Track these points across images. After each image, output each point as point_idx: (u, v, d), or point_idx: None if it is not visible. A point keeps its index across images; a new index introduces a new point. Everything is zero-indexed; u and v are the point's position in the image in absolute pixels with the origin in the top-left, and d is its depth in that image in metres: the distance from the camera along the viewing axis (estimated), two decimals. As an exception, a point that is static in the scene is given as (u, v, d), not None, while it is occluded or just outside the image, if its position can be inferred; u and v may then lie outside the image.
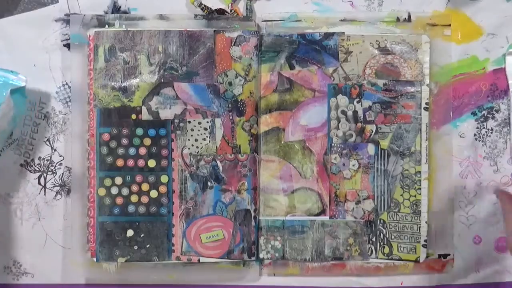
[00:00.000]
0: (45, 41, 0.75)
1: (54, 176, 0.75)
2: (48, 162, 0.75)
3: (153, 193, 0.73)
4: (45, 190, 0.75)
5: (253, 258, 0.73)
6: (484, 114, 0.75)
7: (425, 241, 0.72)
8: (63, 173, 0.75)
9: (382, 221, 0.73)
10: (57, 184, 0.75)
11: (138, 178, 0.73)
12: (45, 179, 0.75)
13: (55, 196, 0.75)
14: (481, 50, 0.76)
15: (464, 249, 0.75)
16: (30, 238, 0.75)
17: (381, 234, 0.73)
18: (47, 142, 0.75)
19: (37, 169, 0.75)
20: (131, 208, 0.73)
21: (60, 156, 0.75)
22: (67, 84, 0.75)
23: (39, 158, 0.75)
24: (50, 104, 0.75)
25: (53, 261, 0.75)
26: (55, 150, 0.75)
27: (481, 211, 0.76)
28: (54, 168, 0.75)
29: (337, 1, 0.75)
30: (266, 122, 0.73)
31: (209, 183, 0.73)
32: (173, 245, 0.73)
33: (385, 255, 0.73)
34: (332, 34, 0.73)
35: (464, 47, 0.75)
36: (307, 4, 0.75)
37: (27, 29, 0.75)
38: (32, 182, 0.75)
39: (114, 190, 0.73)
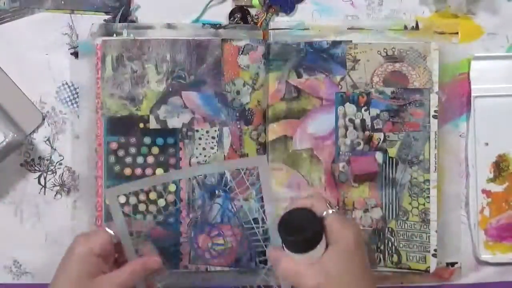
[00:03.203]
0: (45, 41, 0.75)
1: (54, 176, 0.75)
2: (48, 161, 0.75)
3: (161, 202, 0.73)
4: (45, 190, 0.75)
5: (260, 266, 0.73)
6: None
7: (435, 250, 0.72)
8: (63, 173, 0.75)
9: (390, 229, 0.73)
10: (57, 184, 0.75)
11: (146, 187, 0.72)
12: (45, 178, 0.75)
13: (55, 195, 0.75)
14: (481, 50, 0.76)
15: (465, 249, 0.75)
16: (30, 237, 0.75)
17: (389, 243, 0.73)
18: (47, 142, 0.75)
19: (37, 168, 0.75)
20: (138, 217, 0.73)
21: (60, 155, 0.75)
22: (67, 84, 0.75)
23: (39, 157, 0.75)
24: (50, 104, 0.75)
25: (53, 260, 0.74)
26: (55, 149, 0.75)
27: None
28: (54, 167, 0.75)
29: (337, 0, 0.76)
30: (274, 130, 0.73)
31: (217, 192, 0.73)
32: (181, 253, 0.73)
33: (394, 264, 0.73)
34: (340, 42, 0.73)
35: (464, 47, 0.75)
36: (307, 4, 0.75)
37: (27, 29, 0.74)
38: (32, 182, 0.75)
39: (122, 199, 0.73)
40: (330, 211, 0.60)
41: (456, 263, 0.75)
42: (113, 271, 0.61)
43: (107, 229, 0.62)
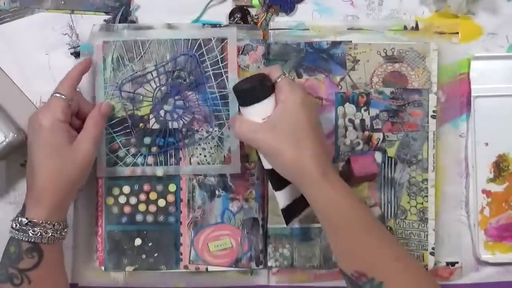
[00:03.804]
0: (45, 41, 0.75)
1: None
2: None
3: (161, 202, 0.73)
4: None
5: (260, 267, 0.73)
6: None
7: (433, 248, 0.73)
8: None
9: (389, 228, 0.73)
10: None
11: (146, 187, 0.73)
12: None
13: None
14: (481, 50, 0.76)
15: (465, 249, 0.76)
16: None
17: (389, 242, 0.73)
18: None
19: None
20: (139, 217, 0.73)
21: None
22: (66, 84, 0.75)
23: None
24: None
25: None
26: None
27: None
28: None
29: (337, 0, 0.75)
30: (274, 130, 0.73)
31: (217, 192, 0.73)
32: (181, 254, 0.73)
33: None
34: (340, 42, 0.73)
35: (464, 47, 0.75)
36: (307, 4, 0.75)
37: (27, 29, 0.74)
38: None
39: (122, 199, 0.73)
40: (283, 76, 0.62)
41: (457, 262, 0.75)
42: (81, 132, 0.65)
43: (57, 94, 0.65)
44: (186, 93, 0.72)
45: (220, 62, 0.72)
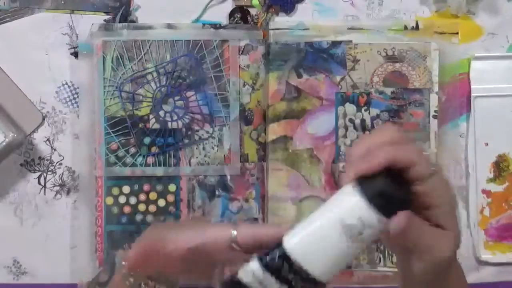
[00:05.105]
0: (45, 41, 0.74)
1: (54, 176, 0.75)
2: (48, 162, 0.75)
3: (161, 202, 0.73)
4: (45, 190, 0.75)
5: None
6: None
7: (435, 250, 0.73)
8: (63, 173, 0.75)
9: (390, 229, 0.73)
10: (57, 184, 0.75)
11: (146, 187, 0.73)
12: (45, 178, 0.75)
13: (55, 195, 0.75)
14: (481, 50, 0.76)
15: (464, 249, 0.75)
16: (30, 237, 0.75)
17: (389, 242, 0.73)
18: (47, 142, 0.75)
19: (37, 168, 0.75)
20: (139, 217, 0.73)
21: (60, 155, 0.75)
22: (67, 84, 0.75)
23: (39, 157, 0.75)
24: (50, 104, 0.75)
25: (53, 260, 0.75)
26: (55, 149, 0.75)
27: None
28: (54, 167, 0.75)
29: (337, 0, 0.75)
30: (274, 130, 0.73)
31: (216, 192, 0.73)
32: (181, 254, 0.73)
33: (394, 264, 0.73)
34: (340, 42, 0.73)
35: (464, 47, 0.75)
36: (307, 4, 0.75)
37: (27, 29, 0.74)
38: (32, 182, 0.75)
39: (122, 199, 0.73)
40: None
41: (456, 262, 0.74)
42: None
43: None
44: (186, 94, 0.72)
45: (221, 65, 0.72)
